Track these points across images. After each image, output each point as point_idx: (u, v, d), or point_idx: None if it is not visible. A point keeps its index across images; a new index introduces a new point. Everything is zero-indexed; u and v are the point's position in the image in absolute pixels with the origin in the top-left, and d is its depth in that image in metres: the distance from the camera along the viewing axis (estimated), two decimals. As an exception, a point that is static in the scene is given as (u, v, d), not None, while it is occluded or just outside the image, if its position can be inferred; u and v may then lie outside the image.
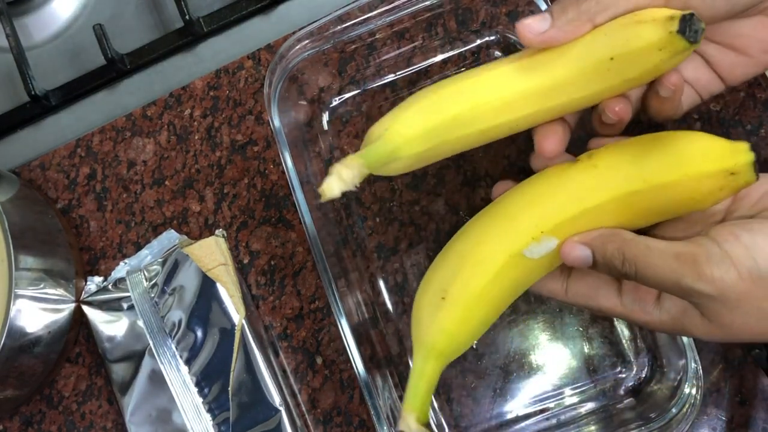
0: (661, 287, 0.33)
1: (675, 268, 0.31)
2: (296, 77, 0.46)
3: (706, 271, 0.30)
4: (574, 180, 0.36)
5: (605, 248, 0.34)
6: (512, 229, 0.37)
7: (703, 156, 0.34)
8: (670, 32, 0.32)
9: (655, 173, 0.35)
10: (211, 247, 0.48)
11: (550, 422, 0.45)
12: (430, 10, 0.45)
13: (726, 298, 0.31)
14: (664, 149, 0.35)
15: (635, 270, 0.32)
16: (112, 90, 0.55)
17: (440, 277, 0.38)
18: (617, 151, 0.37)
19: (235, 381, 0.46)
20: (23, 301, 0.45)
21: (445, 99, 0.37)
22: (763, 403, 0.45)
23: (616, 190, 0.35)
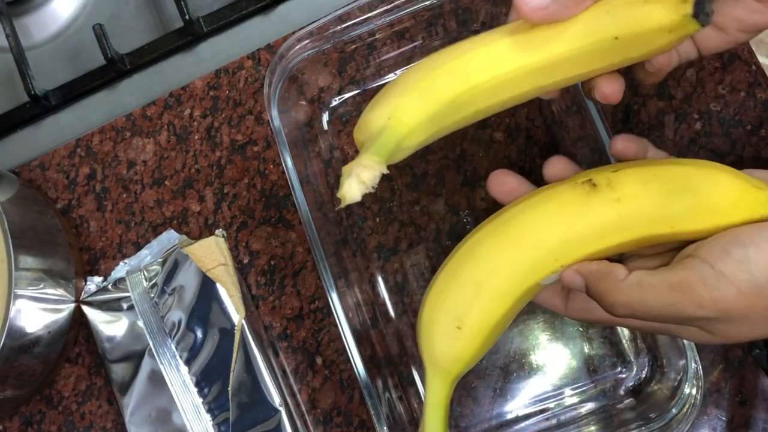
0: (662, 321, 0.32)
1: (672, 301, 0.31)
2: (296, 77, 0.46)
3: (705, 296, 0.30)
4: (596, 213, 0.35)
5: (596, 286, 0.34)
6: (532, 261, 0.36)
7: (732, 208, 0.33)
8: (683, 15, 0.31)
9: (683, 220, 0.33)
10: (211, 247, 0.48)
11: (550, 422, 0.45)
12: (430, 10, 0.45)
13: (729, 316, 0.30)
14: (693, 192, 0.34)
15: (630, 311, 0.32)
16: (112, 90, 0.55)
17: (454, 304, 0.37)
18: (640, 183, 0.35)
19: (235, 381, 0.46)
20: (23, 301, 0.45)
21: (440, 81, 0.36)
22: (764, 404, 0.45)
23: (640, 232, 0.34)
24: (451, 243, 0.48)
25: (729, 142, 0.47)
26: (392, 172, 0.49)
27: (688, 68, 0.48)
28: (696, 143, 0.48)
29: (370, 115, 0.36)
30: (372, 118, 0.36)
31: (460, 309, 0.36)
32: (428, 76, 0.36)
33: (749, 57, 0.48)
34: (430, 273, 0.48)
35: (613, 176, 0.35)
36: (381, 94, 0.37)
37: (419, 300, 0.47)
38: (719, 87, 0.48)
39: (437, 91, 0.35)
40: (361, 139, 0.37)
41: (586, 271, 0.34)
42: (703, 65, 0.48)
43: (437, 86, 0.36)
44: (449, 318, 0.37)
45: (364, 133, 0.37)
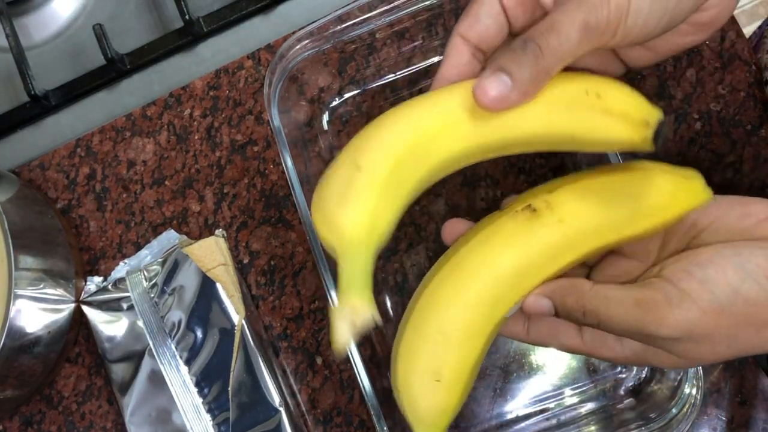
0: (624, 335, 0.33)
1: (637, 317, 0.31)
2: (296, 77, 0.46)
3: (668, 315, 0.30)
4: (542, 238, 0.35)
5: (565, 301, 0.34)
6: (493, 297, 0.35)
7: (670, 202, 0.34)
8: (643, 138, 0.32)
9: (626, 225, 0.35)
10: (211, 247, 0.48)
11: (550, 422, 0.45)
12: (430, 10, 0.45)
13: (692, 336, 0.31)
14: (631, 197, 0.35)
15: (597, 321, 0.32)
16: (112, 90, 0.55)
17: (427, 359, 0.36)
18: (578, 200, 0.35)
19: (235, 381, 0.46)
20: (23, 301, 0.45)
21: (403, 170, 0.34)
22: (764, 404, 0.45)
23: (589, 246, 0.35)
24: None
25: (729, 142, 0.47)
26: (392, 172, 0.49)
27: (688, 68, 0.48)
28: (696, 143, 0.48)
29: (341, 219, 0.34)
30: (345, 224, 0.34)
31: (435, 363, 0.36)
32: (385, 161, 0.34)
33: (749, 57, 0.48)
34: (430, 273, 0.48)
35: (550, 198, 0.36)
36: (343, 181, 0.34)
37: (419, 300, 0.47)
38: (719, 87, 0.48)
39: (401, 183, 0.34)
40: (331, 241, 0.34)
41: (549, 291, 0.34)
42: (703, 65, 0.48)
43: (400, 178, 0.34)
44: (426, 374, 0.36)
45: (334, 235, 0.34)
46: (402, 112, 0.35)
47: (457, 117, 0.34)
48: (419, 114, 0.34)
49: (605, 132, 0.33)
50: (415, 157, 0.34)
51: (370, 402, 0.41)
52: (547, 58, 0.32)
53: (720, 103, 0.48)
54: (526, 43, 0.32)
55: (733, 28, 0.48)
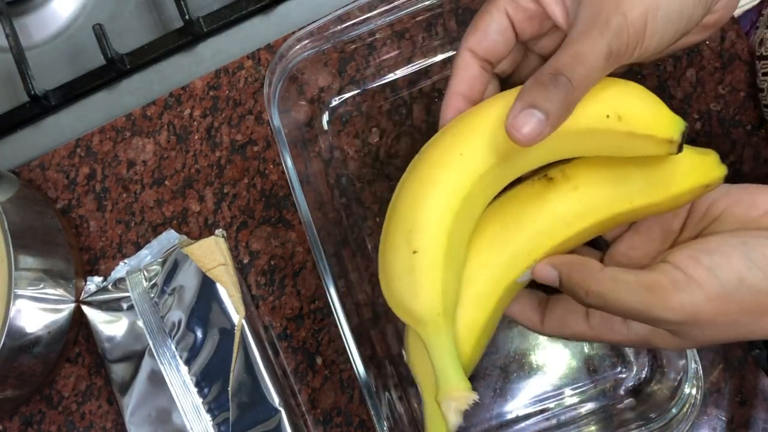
0: (629, 317, 0.33)
1: (643, 299, 0.31)
2: (296, 77, 0.46)
3: (674, 298, 0.31)
4: (558, 205, 0.36)
5: (571, 276, 0.34)
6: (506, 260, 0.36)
7: (683, 175, 0.35)
8: (669, 151, 0.33)
9: (639, 195, 0.35)
10: (210, 247, 0.48)
11: (550, 422, 0.45)
12: (430, 10, 0.45)
13: (697, 320, 0.31)
14: (645, 169, 0.36)
15: (601, 303, 0.33)
16: (112, 90, 0.55)
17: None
18: (594, 170, 0.36)
19: (235, 381, 0.46)
20: (23, 301, 0.45)
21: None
22: (764, 404, 0.45)
23: (602, 214, 0.36)
24: (451, 243, 0.48)
25: (729, 142, 0.47)
26: (392, 172, 0.49)
27: (688, 68, 0.48)
28: (696, 143, 0.48)
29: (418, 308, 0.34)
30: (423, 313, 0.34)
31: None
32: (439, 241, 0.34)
33: (749, 57, 0.48)
34: (430, 273, 0.48)
35: (567, 168, 0.37)
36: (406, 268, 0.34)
37: (419, 300, 0.47)
38: (719, 87, 0.48)
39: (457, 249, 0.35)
40: (414, 326, 0.35)
41: (559, 263, 0.35)
42: (703, 65, 0.48)
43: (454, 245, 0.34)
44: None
45: (415, 322, 0.35)
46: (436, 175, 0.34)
47: (489, 166, 0.34)
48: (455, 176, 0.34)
49: (632, 152, 0.34)
50: (462, 221, 0.35)
51: (370, 402, 0.41)
52: (577, 90, 0.32)
53: (720, 103, 0.48)
54: (557, 78, 0.32)
55: (733, 29, 0.48)
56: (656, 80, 0.48)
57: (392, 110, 0.50)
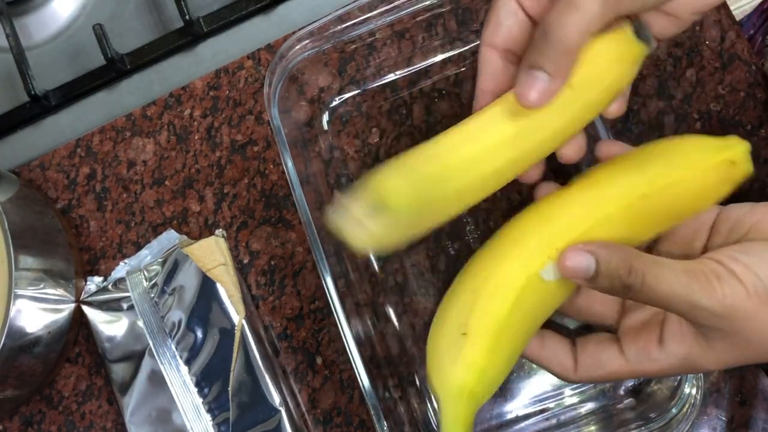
0: (667, 303, 0.32)
1: (685, 283, 0.31)
2: (296, 77, 0.46)
3: (716, 287, 0.30)
4: (579, 196, 0.36)
5: (611, 258, 0.32)
6: (525, 251, 0.35)
7: (702, 151, 0.34)
8: (627, 41, 0.33)
9: (659, 175, 0.34)
10: (211, 247, 0.48)
11: (550, 422, 0.45)
12: (430, 10, 0.45)
13: (735, 316, 0.31)
14: (663, 151, 0.35)
15: (641, 281, 0.31)
16: (112, 90, 0.55)
17: (456, 314, 0.36)
18: (615, 165, 0.36)
19: (235, 381, 0.46)
20: (23, 301, 0.45)
21: (416, 159, 0.36)
22: (764, 404, 0.45)
23: (623, 197, 0.35)
24: (451, 243, 0.48)
25: (729, 142, 0.47)
26: (392, 172, 0.49)
27: (688, 68, 0.48)
28: (696, 143, 0.48)
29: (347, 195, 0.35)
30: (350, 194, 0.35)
31: (463, 315, 0.35)
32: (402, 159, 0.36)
33: (749, 57, 0.48)
34: (430, 273, 0.48)
35: (591, 170, 0.37)
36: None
37: (419, 300, 0.48)
38: (719, 87, 0.48)
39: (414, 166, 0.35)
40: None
41: (595, 246, 0.33)
42: (703, 65, 0.48)
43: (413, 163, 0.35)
44: (453, 328, 0.35)
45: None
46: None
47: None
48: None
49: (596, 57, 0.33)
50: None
51: (370, 402, 0.41)
52: (571, 36, 0.32)
53: (720, 103, 0.48)
54: (545, 31, 0.32)
55: (733, 29, 0.48)
56: (656, 80, 0.48)
57: (392, 110, 0.50)
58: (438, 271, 0.48)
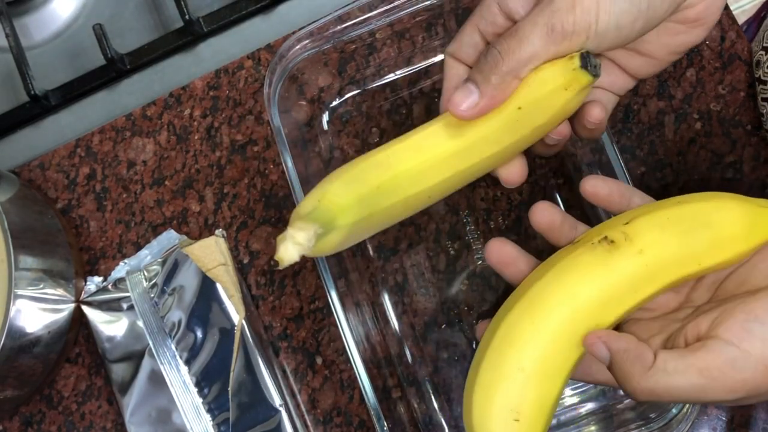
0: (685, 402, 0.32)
1: (702, 385, 0.30)
2: (296, 77, 0.46)
3: (736, 379, 0.30)
4: (623, 269, 0.35)
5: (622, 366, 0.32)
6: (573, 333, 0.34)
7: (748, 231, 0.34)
8: (573, 69, 0.34)
9: (706, 255, 0.34)
10: (211, 247, 0.48)
11: (550, 422, 0.45)
12: (430, 10, 0.45)
13: (758, 393, 0.30)
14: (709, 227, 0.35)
15: (653, 396, 0.31)
16: (112, 90, 0.55)
17: (506, 396, 0.35)
18: (657, 229, 0.35)
19: (235, 381, 0.46)
20: (23, 301, 0.45)
21: (365, 171, 0.37)
22: (764, 404, 0.45)
23: (670, 277, 0.35)
24: (451, 243, 0.48)
25: (729, 142, 0.47)
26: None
27: (688, 68, 0.48)
28: (696, 143, 0.48)
29: (299, 207, 0.37)
30: (303, 205, 0.37)
31: (514, 400, 0.34)
32: (353, 168, 0.37)
33: (749, 57, 0.48)
34: (430, 273, 0.48)
35: (627, 228, 0.35)
36: (311, 192, 0.38)
37: (419, 300, 0.48)
38: (719, 87, 0.48)
39: (363, 178, 0.37)
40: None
41: (615, 349, 0.33)
42: (703, 65, 0.48)
43: (362, 175, 0.37)
44: (505, 411, 0.35)
45: (294, 220, 0.37)
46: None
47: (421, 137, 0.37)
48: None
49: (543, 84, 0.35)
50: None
51: (370, 402, 0.41)
52: (509, 62, 0.34)
53: (720, 103, 0.48)
54: (488, 51, 0.34)
55: (733, 28, 0.48)
56: (656, 80, 0.48)
57: (392, 110, 0.50)
58: (438, 271, 0.48)
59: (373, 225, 0.38)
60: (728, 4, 0.49)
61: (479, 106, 0.34)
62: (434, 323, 0.47)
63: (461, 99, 0.34)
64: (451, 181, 0.37)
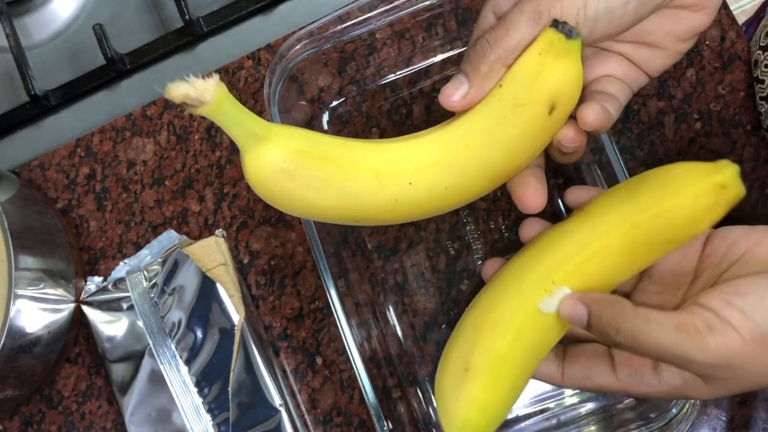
0: (661, 359, 0.32)
1: (677, 340, 0.30)
2: (296, 77, 0.46)
3: (710, 341, 0.30)
4: (573, 230, 0.36)
5: (601, 314, 0.33)
6: (523, 286, 0.36)
7: (693, 176, 0.35)
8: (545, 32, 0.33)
9: (650, 203, 0.35)
10: (211, 247, 0.48)
11: (550, 422, 0.45)
12: (430, 10, 0.45)
13: (732, 364, 0.30)
14: (654, 181, 0.35)
15: (632, 341, 0.32)
16: (112, 90, 0.55)
17: (458, 351, 0.36)
18: (607, 197, 0.37)
19: (235, 381, 0.46)
20: (23, 301, 0.45)
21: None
22: (764, 403, 0.45)
23: (616, 227, 0.35)
24: (451, 243, 0.48)
25: (729, 142, 0.47)
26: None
27: (688, 68, 0.48)
28: (696, 143, 0.48)
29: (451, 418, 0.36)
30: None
31: (465, 352, 0.36)
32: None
33: (749, 57, 0.48)
34: (431, 273, 0.48)
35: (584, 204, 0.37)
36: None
37: (419, 300, 0.48)
38: (719, 87, 0.48)
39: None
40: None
41: (589, 300, 0.34)
42: (703, 65, 0.48)
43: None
44: (456, 366, 0.36)
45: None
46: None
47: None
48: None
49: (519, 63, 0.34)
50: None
51: (370, 402, 0.41)
52: (497, 50, 0.34)
53: (720, 103, 0.48)
54: (477, 41, 0.35)
55: (733, 28, 0.48)
56: (656, 80, 0.48)
57: (392, 110, 0.50)
58: (438, 271, 0.48)
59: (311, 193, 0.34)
60: (728, 4, 0.49)
61: (469, 96, 0.35)
62: (434, 323, 0.47)
63: (452, 90, 0.35)
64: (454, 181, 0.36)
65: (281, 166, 0.33)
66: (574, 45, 0.33)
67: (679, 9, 0.35)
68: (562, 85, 0.34)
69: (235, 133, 0.33)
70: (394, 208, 0.35)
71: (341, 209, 0.35)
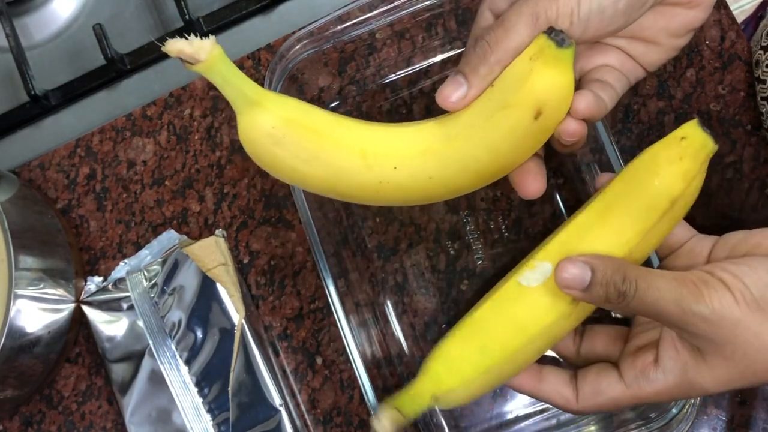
0: (658, 310, 0.33)
1: (675, 288, 0.32)
2: (296, 77, 0.46)
3: (705, 293, 0.32)
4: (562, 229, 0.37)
5: (606, 267, 0.33)
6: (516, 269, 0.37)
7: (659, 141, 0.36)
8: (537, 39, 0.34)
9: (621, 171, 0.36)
10: (211, 247, 0.48)
11: (550, 422, 0.45)
12: (430, 10, 0.45)
13: (723, 323, 0.32)
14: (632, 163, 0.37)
15: (635, 288, 0.33)
16: (112, 90, 0.55)
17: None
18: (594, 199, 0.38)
19: (235, 381, 0.46)
20: (23, 301, 0.45)
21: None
22: (764, 403, 0.45)
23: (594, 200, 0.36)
24: (451, 243, 0.48)
25: (729, 142, 0.47)
26: (392, 172, 0.49)
27: (688, 68, 0.48)
28: (696, 143, 0.48)
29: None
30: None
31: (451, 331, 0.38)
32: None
33: (749, 57, 0.48)
34: (431, 273, 0.48)
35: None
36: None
37: (419, 300, 0.48)
38: (719, 87, 0.48)
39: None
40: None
41: (591, 257, 0.34)
42: (703, 65, 0.48)
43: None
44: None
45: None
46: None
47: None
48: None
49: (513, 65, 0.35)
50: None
51: (370, 402, 0.41)
52: (497, 52, 0.34)
53: (720, 103, 0.48)
54: (476, 41, 0.35)
55: (733, 28, 0.48)
56: (656, 80, 0.48)
57: (392, 110, 0.50)
58: (438, 271, 0.48)
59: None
60: (728, 4, 0.49)
61: (468, 97, 0.35)
62: (434, 323, 0.47)
63: (451, 91, 0.35)
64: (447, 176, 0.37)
65: (269, 131, 0.35)
66: (565, 54, 0.33)
67: (674, 6, 0.36)
68: (548, 92, 0.34)
69: (229, 93, 0.35)
70: (379, 188, 0.36)
71: (326, 182, 0.36)
